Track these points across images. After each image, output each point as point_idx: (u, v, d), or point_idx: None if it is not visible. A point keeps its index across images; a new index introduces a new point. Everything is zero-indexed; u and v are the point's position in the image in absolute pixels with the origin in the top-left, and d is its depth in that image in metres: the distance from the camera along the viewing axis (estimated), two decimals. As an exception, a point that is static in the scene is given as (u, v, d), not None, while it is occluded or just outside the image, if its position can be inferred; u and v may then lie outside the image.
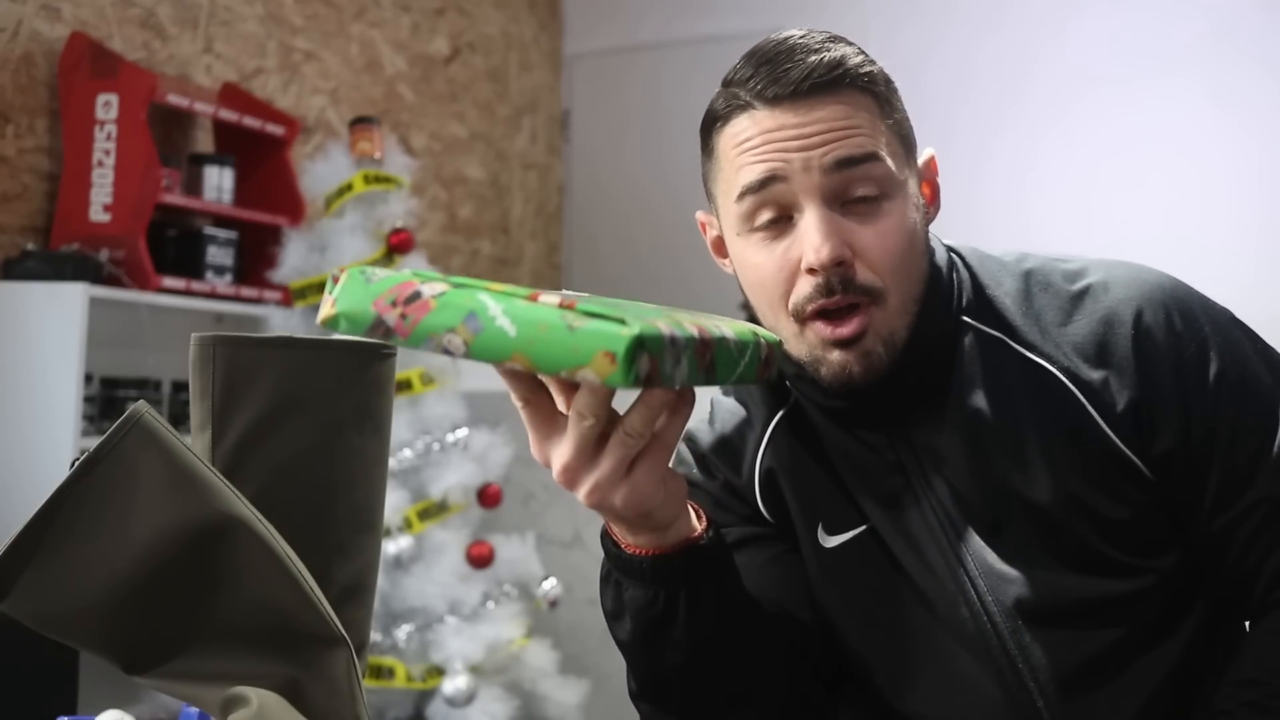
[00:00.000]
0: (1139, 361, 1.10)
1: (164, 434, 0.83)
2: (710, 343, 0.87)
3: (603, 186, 4.75)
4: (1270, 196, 3.70)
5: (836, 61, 1.07)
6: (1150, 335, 1.10)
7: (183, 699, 0.85)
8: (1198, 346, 1.11)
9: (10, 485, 2.61)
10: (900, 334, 1.09)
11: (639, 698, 1.14)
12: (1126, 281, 1.14)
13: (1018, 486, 1.10)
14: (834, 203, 1.06)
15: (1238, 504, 1.10)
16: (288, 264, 2.93)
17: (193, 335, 0.95)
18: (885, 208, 1.07)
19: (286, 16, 3.61)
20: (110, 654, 0.84)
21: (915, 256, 1.10)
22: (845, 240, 1.05)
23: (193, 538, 0.82)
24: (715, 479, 1.23)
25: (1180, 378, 1.10)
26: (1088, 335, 1.11)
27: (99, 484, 0.81)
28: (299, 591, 0.84)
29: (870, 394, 1.11)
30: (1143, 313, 1.11)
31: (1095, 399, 1.10)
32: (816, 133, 1.05)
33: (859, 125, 1.06)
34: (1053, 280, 1.16)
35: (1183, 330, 1.11)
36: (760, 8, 4.31)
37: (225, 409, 0.92)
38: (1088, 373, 1.10)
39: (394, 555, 2.74)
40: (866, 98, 1.08)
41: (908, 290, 1.09)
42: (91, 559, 0.81)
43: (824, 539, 1.19)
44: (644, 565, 1.03)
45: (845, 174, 1.05)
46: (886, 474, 1.15)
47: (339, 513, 0.94)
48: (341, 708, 0.84)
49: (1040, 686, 1.11)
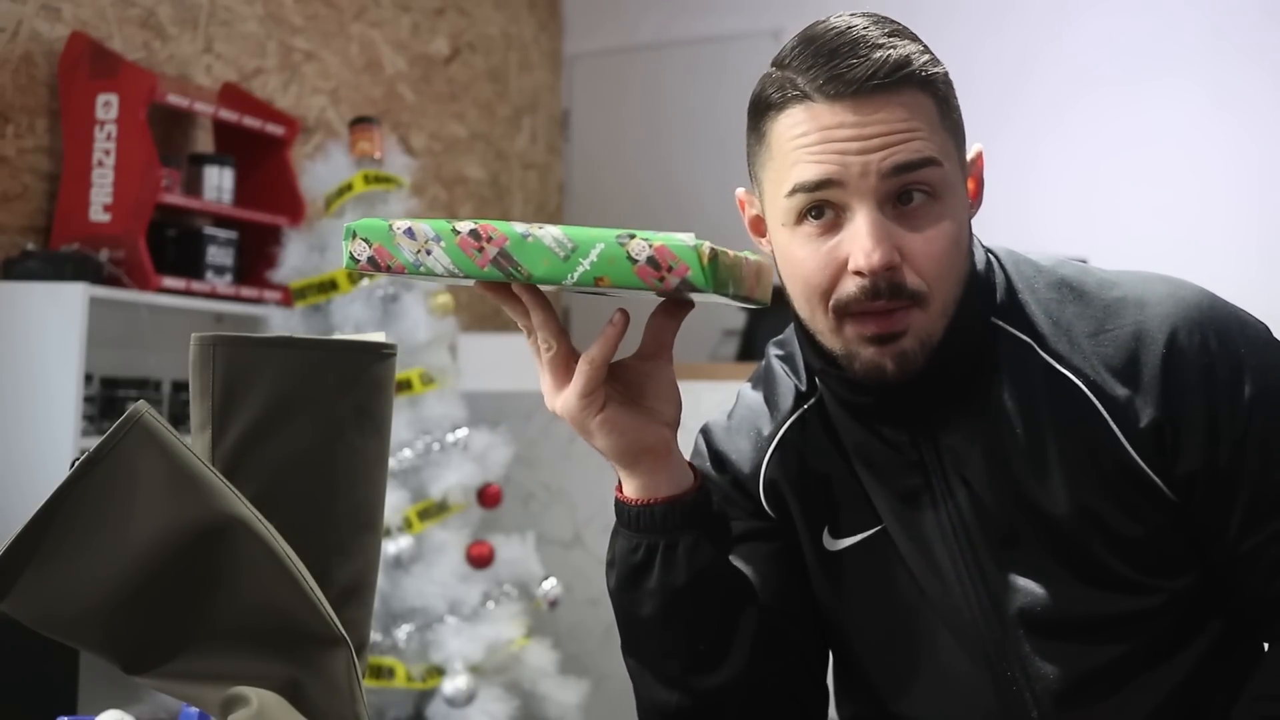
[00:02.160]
0: (1166, 381, 1.08)
1: (164, 434, 0.83)
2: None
3: (603, 186, 4.76)
4: (1270, 196, 3.70)
5: (903, 61, 1.04)
6: (1182, 355, 1.08)
7: (183, 699, 0.85)
8: (1231, 369, 1.08)
9: (10, 485, 2.61)
10: (937, 335, 1.08)
11: (624, 650, 1.18)
12: (1163, 298, 1.11)
13: (1034, 495, 1.10)
14: (886, 205, 1.05)
15: (1268, 527, 1.08)
16: (288, 264, 2.93)
17: (193, 335, 0.95)
18: (937, 212, 1.06)
19: (286, 16, 3.61)
20: (110, 654, 0.84)
21: (960, 259, 1.09)
22: (895, 245, 1.04)
23: (193, 538, 0.82)
24: (725, 474, 1.23)
25: (1210, 400, 1.07)
26: (1117, 350, 1.09)
27: (99, 484, 0.81)
28: (299, 591, 0.84)
29: (899, 390, 1.10)
30: (1177, 332, 1.09)
31: (1119, 415, 1.08)
32: (876, 134, 1.03)
33: (918, 128, 1.04)
34: (1087, 289, 1.13)
35: (1217, 351, 1.08)
36: (760, 8, 4.30)
37: (225, 409, 0.92)
38: (1114, 388, 1.08)
39: (394, 555, 2.74)
40: (928, 98, 1.06)
41: (949, 292, 1.08)
42: (91, 559, 0.81)
43: (829, 542, 1.19)
44: (631, 513, 1.10)
45: (902, 178, 1.04)
46: (906, 473, 1.14)
47: (339, 513, 0.94)
48: (341, 708, 0.84)
49: (1036, 697, 1.11)
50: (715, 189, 4.65)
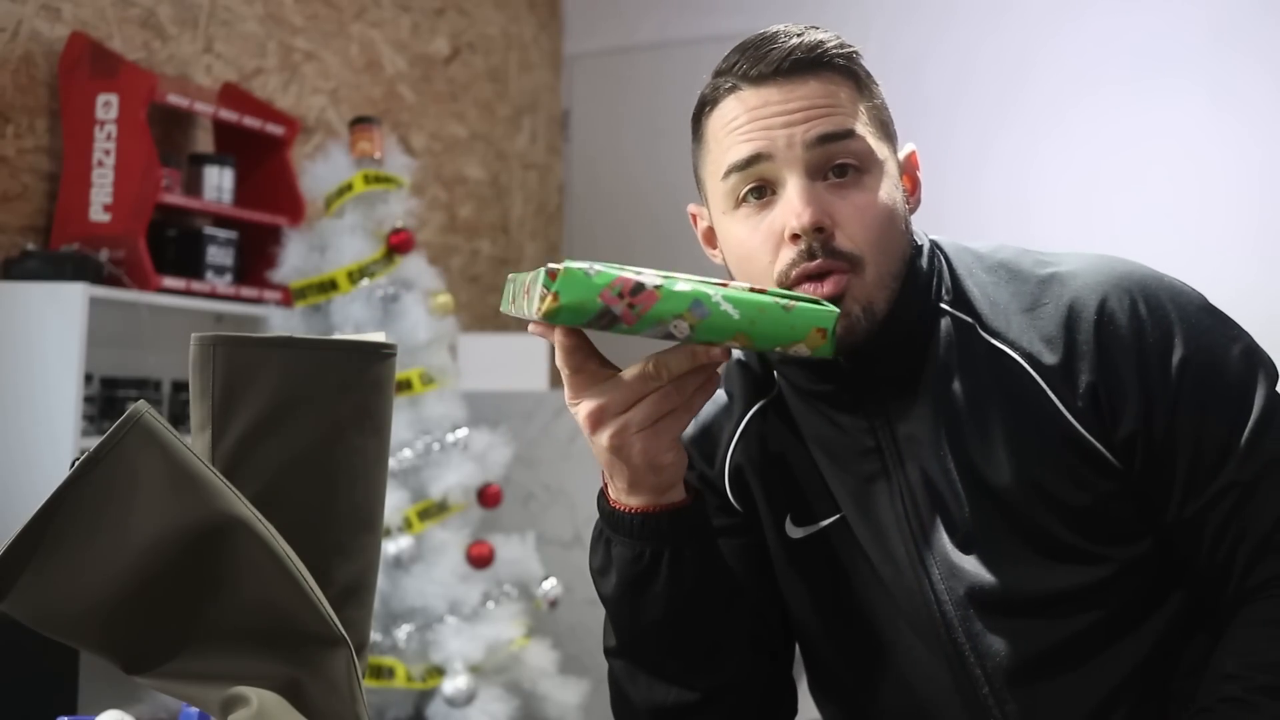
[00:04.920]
0: (1100, 348, 1.11)
1: (164, 434, 0.83)
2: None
3: (603, 186, 4.76)
4: (1270, 196, 3.70)
5: (817, 43, 1.13)
6: (1113, 321, 1.12)
7: (183, 699, 0.85)
8: (1162, 333, 1.11)
9: (10, 485, 2.61)
10: (879, 306, 1.11)
11: (615, 654, 1.19)
12: (1093, 270, 1.16)
13: (983, 472, 1.12)
14: (816, 175, 1.11)
15: (1208, 489, 1.10)
16: (288, 264, 2.93)
17: (193, 335, 0.95)
18: (865, 182, 1.12)
19: (286, 16, 3.61)
20: (110, 654, 0.84)
21: (894, 232, 1.13)
22: (826, 210, 1.10)
23: (193, 538, 0.82)
24: (692, 470, 1.25)
25: (1142, 364, 1.10)
26: (1051, 322, 1.13)
27: (99, 484, 0.81)
28: (299, 591, 0.84)
29: (852, 375, 1.14)
30: (1107, 299, 1.13)
31: (1056, 385, 1.11)
32: (799, 109, 1.11)
33: (839, 104, 1.12)
34: (1022, 268, 1.18)
35: (1146, 317, 1.12)
36: (760, 8, 4.30)
37: (225, 409, 0.92)
38: (1049, 358, 1.12)
39: (394, 555, 2.74)
40: (846, 79, 1.14)
41: (886, 265, 1.11)
42: (91, 559, 0.81)
43: (791, 530, 1.22)
44: (634, 522, 1.10)
45: (826, 149, 1.10)
46: (863, 459, 1.17)
47: (339, 513, 0.94)
48: (341, 708, 0.84)
49: (987, 675, 1.12)
50: (715, 189, 4.65)
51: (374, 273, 2.89)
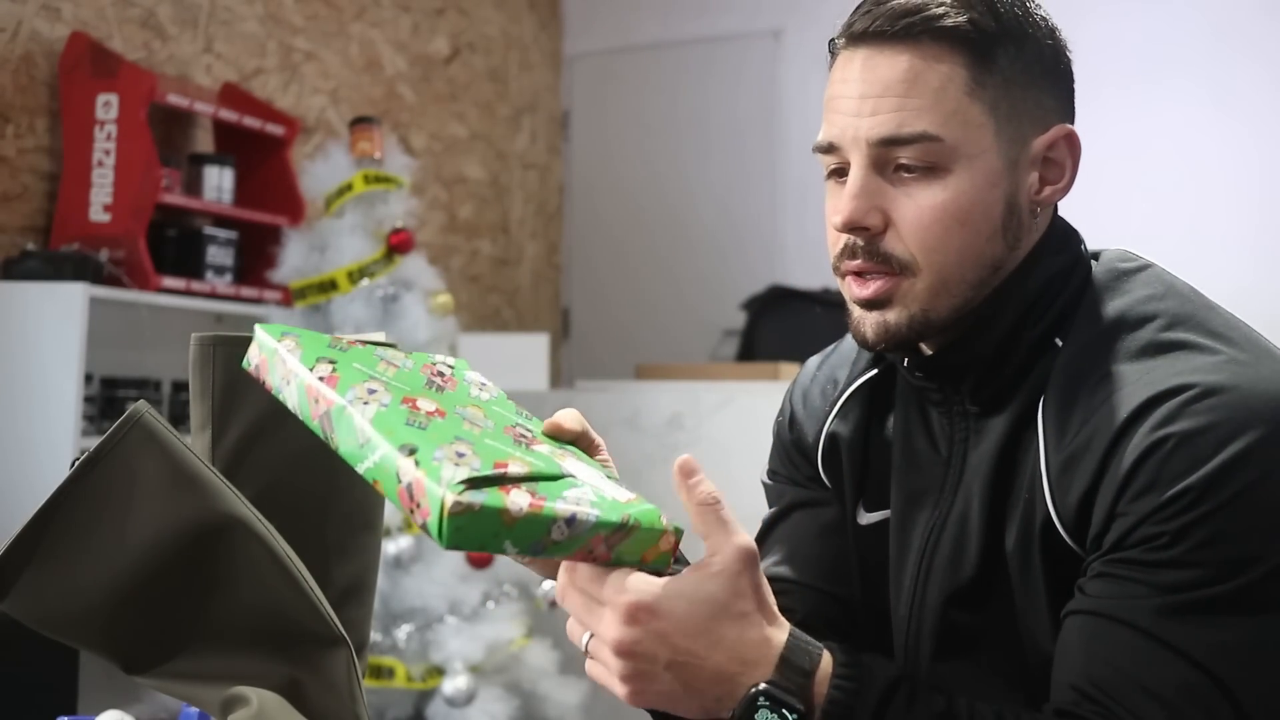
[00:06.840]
0: (1123, 481, 0.92)
1: (164, 434, 0.83)
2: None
3: (603, 186, 4.76)
4: (1269, 196, 3.70)
5: (916, 7, 0.98)
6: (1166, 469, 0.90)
7: (183, 699, 0.85)
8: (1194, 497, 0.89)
9: (10, 485, 2.61)
10: (940, 314, 1.00)
11: None
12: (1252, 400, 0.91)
13: (1002, 527, 1.01)
14: (884, 167, 1.00)
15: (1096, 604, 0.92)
16: (288, 264, 2.93)
17: (193, 335, 0.95)
18: (939, 179, 0.99)
19: (286, 16, 3.61)
20: (110, 654, 0.84)
21: (966, 235, 0.99)
22: (882, 207, 1.00)
23: (192, 538, 0.82)
24: (792, 433, 1.20)
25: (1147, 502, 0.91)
26: (1111, 425, 0.93)
27: (99, 484, 0.81)
28: (299, 591, 0.84)
29: (942, 380, 1.05)
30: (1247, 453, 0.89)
31: (1053, 479, 0.97)
32: (869, 96, 0.99)
33: (920, 92, 0.98)
34: (1161, 343, 0.97)
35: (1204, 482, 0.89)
36: (760, 7, 4.30)
37: (225, 409, 0.92)
38: (1061, 454, 0.97)
39: (394, 555, 2.75)
40: (956, 51, 0.98)
41: (951, 271, 1.00)
42: (91, 559, 0.81)
43: (860, 515, 1.15)
44: None
45: (888, 151, 0.99)
46: (932, 467, 1.08)
47: (339, 513, 0.94)
48: (341, 708, 0.84)
49: None
50: (715, 189, 4.65)
51: (374, 273, 2.89)
